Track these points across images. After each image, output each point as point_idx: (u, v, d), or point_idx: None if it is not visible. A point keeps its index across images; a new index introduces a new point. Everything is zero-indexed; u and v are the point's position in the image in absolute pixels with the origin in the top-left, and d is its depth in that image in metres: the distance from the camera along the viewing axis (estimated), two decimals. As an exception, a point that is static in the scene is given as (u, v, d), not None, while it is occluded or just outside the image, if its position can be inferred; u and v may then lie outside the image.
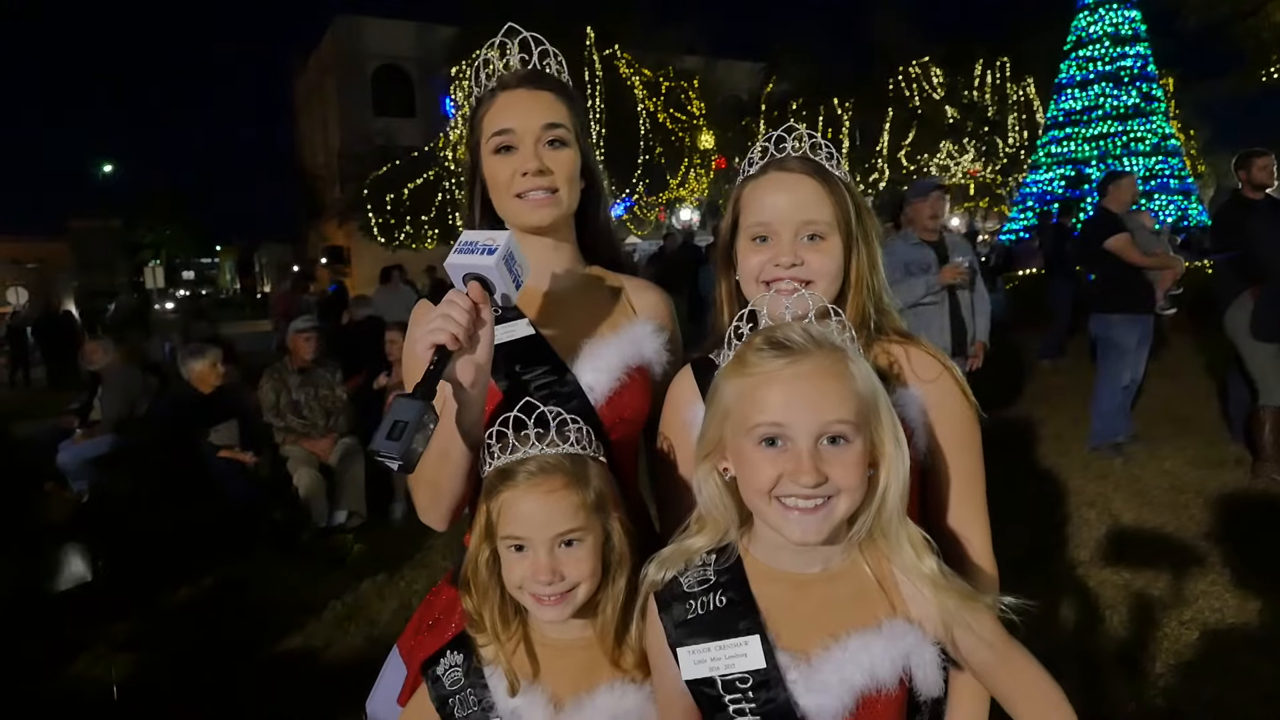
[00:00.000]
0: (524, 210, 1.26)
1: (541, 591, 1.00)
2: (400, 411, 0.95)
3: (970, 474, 1.13)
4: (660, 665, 0.98)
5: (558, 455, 1.02)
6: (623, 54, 18.55)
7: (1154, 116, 21.62)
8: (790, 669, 0.89)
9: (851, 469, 0.87)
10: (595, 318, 1.33)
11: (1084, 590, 3.47)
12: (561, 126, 1.26)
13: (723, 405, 0.93)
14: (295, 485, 4.68)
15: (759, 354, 0.90)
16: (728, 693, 0.91)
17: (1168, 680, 2.80)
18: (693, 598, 0.95)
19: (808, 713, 0.89)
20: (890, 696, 0.89)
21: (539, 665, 1.06)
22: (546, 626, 1.07)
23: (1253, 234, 4.73)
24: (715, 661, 0.91)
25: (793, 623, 0.92)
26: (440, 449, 1.10)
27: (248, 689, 3.15)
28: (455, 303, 1.04)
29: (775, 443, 0.88)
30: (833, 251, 1.13)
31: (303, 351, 5.13)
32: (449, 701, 1.09)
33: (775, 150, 1.17)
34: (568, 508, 1.00)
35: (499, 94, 1.27)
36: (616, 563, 1.04)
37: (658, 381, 1.32)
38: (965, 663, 0.93)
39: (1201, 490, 4.56)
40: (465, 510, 1.25)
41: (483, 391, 1.11)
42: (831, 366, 0.89)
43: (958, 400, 1.12)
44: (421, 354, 1.03)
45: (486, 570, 1.04)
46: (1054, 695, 0.94)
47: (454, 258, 1.09)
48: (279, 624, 3.66)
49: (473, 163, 1.32)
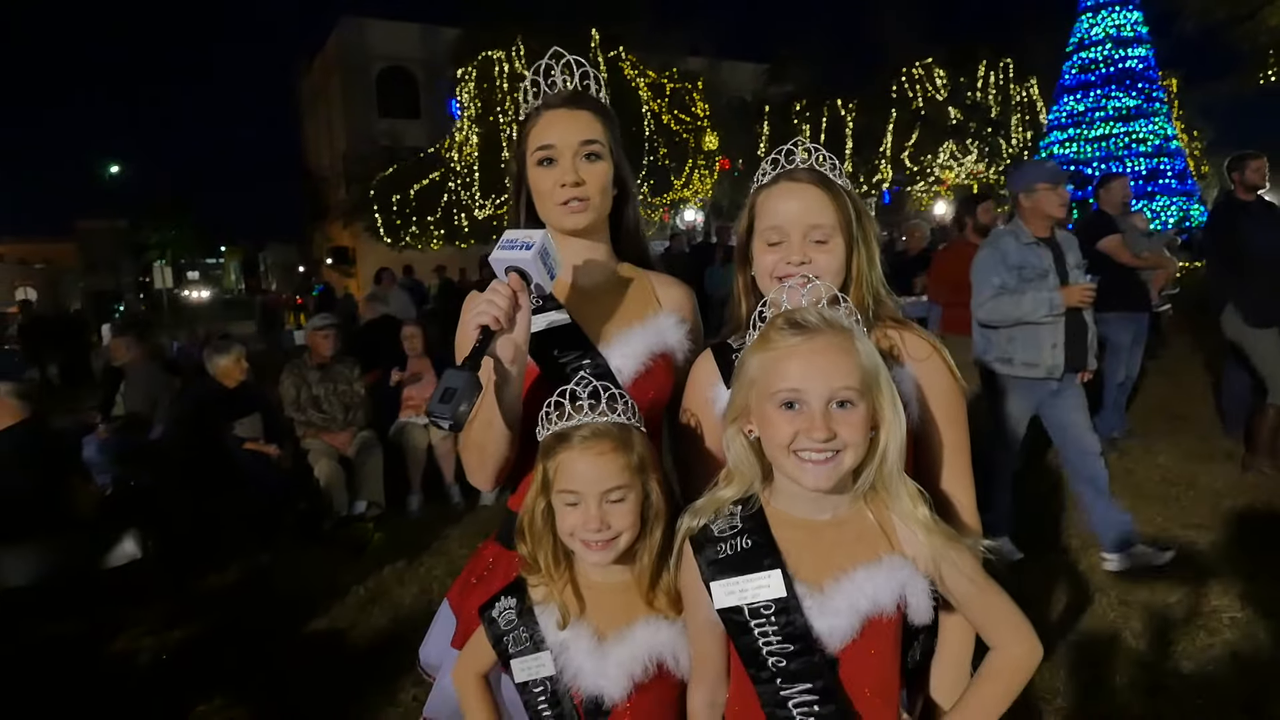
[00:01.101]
0: (562, 215, 1.42)
1: (591, 538, 1.16)
2: (451, 380, 1.12)
3: (957, 441, 1.29)
4: (694, 599, 1.14)
5: (607, 423, 1.18)
6: (627, 55, 18.73)
7: (1156, 118, 21.74)
8: (806, 598, 1.05)
9: (856, 428, 1.03)
10: (624, 309, 1.48)
11: (1074, 574, 3.63)
12: (597, 142, 1.42)
13: (749, 376, 1.09)
14: (316, 476, 4.85)
15: (781, 332, 1.07)
16: (754, 618, 1.07)
17: (1152, 655, 2.95)
18: (722, 540, 1.11)
19: (821, 633, 1.05)
20: (889, 620, 1.05)
21: (584, 604, 1.22)
22: (591, 570, 1.23)
23: (1244, 235, 4.87)
24: (743, 592, 1.07)
25: (808, 560, 1.08)
26: (485, 418, 1.27)
27: (280, 666, 3.31)
28: (498, 290, 1.22)
29: (793, 406, 1.04)
30: (836, 251, 1.30)
31: (322, 348, 5.30)
32: (503, 639, 1.25)
33: (785, 162, 1.34)
34: (615, 468, 1.16)
35: (543, 112, 1.43)
36: (654, 517, 1.20)
37: (679, 367, 1.47)
38: (950, 594, 1.09)
39: (1193, 483, 4.70)
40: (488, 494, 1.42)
41: (521, 368, 1.28)
42: (841, 343, 1.05)
43: (946, 378, 1.29)
44: (470, 333, 1.21)
45: (542, 520, 1.20)
46: (1021, 624, 1.11)
47: (497, 253, 1.25)
48: (306, 607, 3.82)
49: (519, 171, 1.48)
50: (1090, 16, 22.03)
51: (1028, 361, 3.65)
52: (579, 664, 1.18)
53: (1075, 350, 3.63)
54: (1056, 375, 3.63)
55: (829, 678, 1.05)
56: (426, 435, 5.38)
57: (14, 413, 3.02)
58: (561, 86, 1.45)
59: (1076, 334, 3.62)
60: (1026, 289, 3.57)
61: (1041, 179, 3.63)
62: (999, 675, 1.12)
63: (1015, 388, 3.73)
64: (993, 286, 3.68)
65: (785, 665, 1.05)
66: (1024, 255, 3.64)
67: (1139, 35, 21.72)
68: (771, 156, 1.36)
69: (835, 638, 1.04)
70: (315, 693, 3.09)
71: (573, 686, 1.20)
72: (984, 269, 3.75)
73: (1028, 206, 3.67)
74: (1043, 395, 3.71)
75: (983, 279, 3.74)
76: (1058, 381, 3.65)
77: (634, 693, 1.17)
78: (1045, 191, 3.60)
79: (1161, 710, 2.62)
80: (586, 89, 1.47)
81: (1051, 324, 3.57)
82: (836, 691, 1.05)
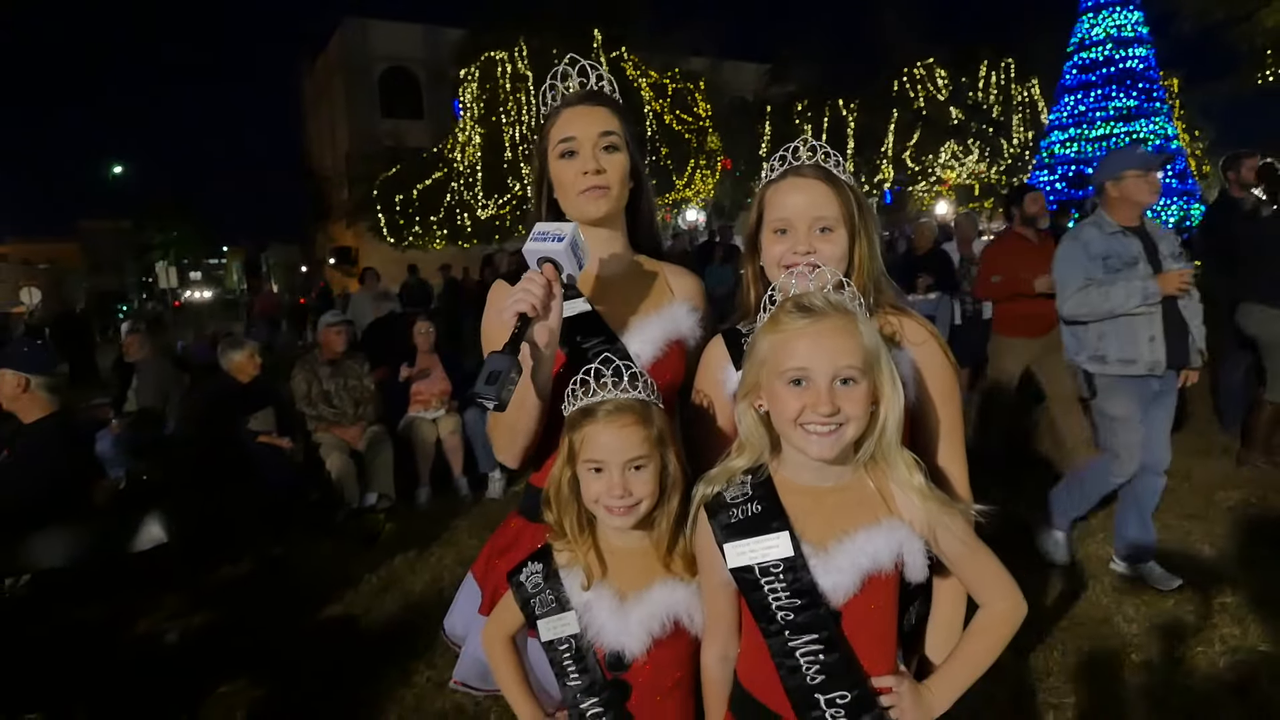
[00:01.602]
0: (584, 204, 1.51)
1: (614, 504, 1.26)
2: (494, 364, 1.21)
3: (951, 419, 1.39)
4: (708, 561, 1.24)
5: (629, 399, 1.28)
6: (630, 56, 18.83)
7: (1157, 118, 21.80)
8: (811, 557, 1.15)
9: (858, 403, 1.13)
10: (641, 298, 1.58)
11: (1072, 559, 3.72)
12: (614, 134, 1.51)
13: (760, 355, 1.19)
14: (328, 469, 4.95)
15: (789, 315, 1.17)
16: (764, 576, 1.16)
17: (1143, 636, 3.05)
18: (735, 506, 1.21)
19: (825, 590, 1.14)
20: (887, 577, 1.15)
21: (606, 567, 1.32)
22: (612, 535, 1.32)
23: (1239, 234, 4.96)
24: (754, 553, 1.17)
25: (812, 523, 1.18)
26: (519, 398, 1.36)
27: (297, 649, 3.42)
28: (534, 279, 1.31)
29: (800, 383, 1.14)
30: (840, 241, 1.39)
31: (333, 344, 5.40)
32: (530, 601, 1.35)
33: (792, 159, 1.43)
34: (637, 439, 1.26)
35: (563, 110, 1.53)
36: (671, 486, 1.29)
37: (691, 352, 1.57)
38: (943, 555, 1.19)
39: (1188, 476, 4.78)
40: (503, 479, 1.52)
41: (553, 352, 1.38)
42: (845, 325, 1.15)
43: (941, 360, 1.40)
44: (508, 320, 1.29)
45: (568, 489, 1.30)
46: (1007, 582, 1.21)
47: (530, 244, 1.34)
48: (321, 594, 3.93)
49: (541, 167, 1.58)
50: (1091, 17, 22.09)
51: (1124, 358, 3.36)
52: (602, 622, 1.28)
53: (1176, 345, 3.34)
54: (1158, 372, 3.32)
55: (833, 629, 1.14)
56: (435, 430, 5.48)
57: (46, 405, 3.11)
58: (577, 87, 1.55)
59: (1176, 327, 3.34)
60: (1116, 279, 3.31)
61: (1131, 165, 3.36)
62: (986, 630, 1.22)
63: (1115, 389, 3.41)
64: (1078, 280, 3.41)
65: (793, 619, 1.15)
66: (1109, 245, 3.38)
67: (1140, 35, 21.78)
68: (779, 154, 1.45)
69: (838, 593, 1.14)
70: (333, 674, 3.18)
71: (596, 643, 1.29)
72: (1066, 263, 3.50)
73: (1115, 196, 3.39)
74: (1146, 394, 3.40)
75: (1066, 273, 3.48)
76: (1159, 379, 3.37)
77: (652, 647, 1.27)
78: (1135, 179, 3.33)
79: (1150, 687, 2.72)
80: (602, 89, 1.56)
81: (1147, 315, 3.29)
82: (839, 641, 1.14)
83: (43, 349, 3.39)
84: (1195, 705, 2.62)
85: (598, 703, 1.29)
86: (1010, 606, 1.21)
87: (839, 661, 1.14)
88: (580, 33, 17.39)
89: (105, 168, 37.48)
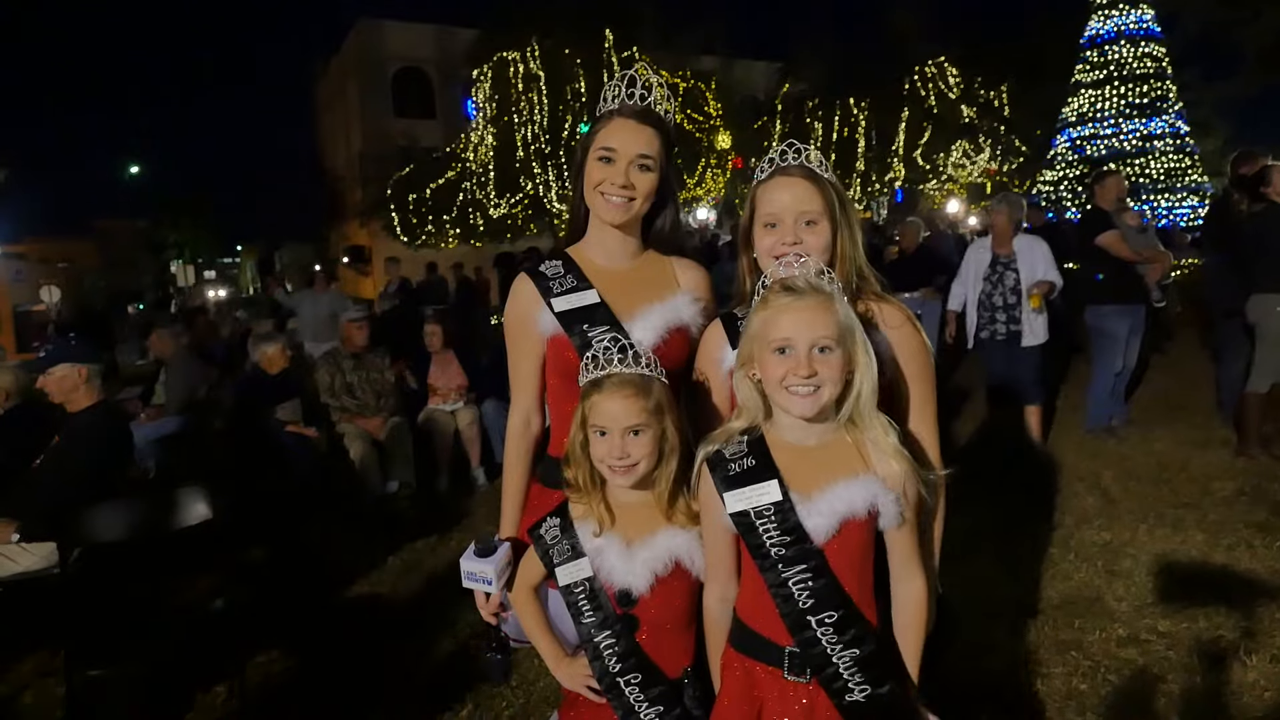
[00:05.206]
0: (603, 207, 1.67)
1: (615, 464, 1.45)
2: None
3: (924, 396, 1.57)
4: (710, 509, 1.42)
5: (631, 373, 1.47)
6: (641, 55, 18.97)
7: (1167, 115, 21.78)
8: (799, 503, 1.34)
9: (834, 368, 1.32)
10: (647, 290, 1.73)
11: (1064, 547, 3.86)
12: (651, 157, 1.65)
13: (753, 330, 1.38)
14: (351, 458, 5.16)
15: (776, 294, 1.36)
16: (758, 519, 1.35)
17: (1129, 614, 3.20)
18: (732, 461, 1.39)
19: (810, 530, 1.33)
20: (861, 521, 1.33)
21: (614, 518, 1.51)
22: (619, 491, 1.52)
23: (1242, 230, 5.08)
24: (749, 499, 1.35)
25: (799, 475, 1.36)
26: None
27: (327, 624, 3.62)
28: (482, 609, 1.70)
29: (784, 351, 1.33)
30: (823, 233, 1.56)
31: (356, 338, 5.61)
32: (549, 552, 1.54)
33: (780, 160, 1.61)
34: (636, 408, 1.45)
35: (615, 118, 1.67)
36: (669, 450, 1.48)
37: (694, 339, 1.74)
38: (908, 508, 1.37)
39: (1185, 466, 4.91)
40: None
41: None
42: (823, 303, 1.34)
43: (917, 341, 1.57)
44: (489, 617, 1.71)
45: (580, 450, 1.50)
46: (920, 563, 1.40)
47: (466, 581, 1.65)
48: (348, 574, 4.13)
49: (582, 159, 1.71)
50: (1103, 14, 22.10)
51: None
52: (611, 564, 1.48)
53: None
54: None
55: (819, 560, 1.33)
56: (453, 421, 5.68)
57: (93, 394, 3.33)
58: (636, 100, 1.67)
59: None
60: None
61: None
62: (909, 626, 1.41)
63: None
64: None
65: (784, 553, 1.34)
66: None
67: (1151, 33, 21.77)
68: (768, 156, 1.63)
69: (820, 533, 1.33)
70: (359, 646, 3.38)
71: (606, 583, 1.49)
72: None
73: None
74: None
75: None
76: None
77: (656, 585, 1.46)
78: None
79: (1139, 661, 2.87)
80: (656, 105, 1.68)
81: None
82: (826, 570, 1.34)
83: (86, 341, 3.60)
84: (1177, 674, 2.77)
85: (610, 635, 1.48)
86: (918, 587, 1.40)
87: (825, 586, 1.33)
88: (593, 33, 17.57)
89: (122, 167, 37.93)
